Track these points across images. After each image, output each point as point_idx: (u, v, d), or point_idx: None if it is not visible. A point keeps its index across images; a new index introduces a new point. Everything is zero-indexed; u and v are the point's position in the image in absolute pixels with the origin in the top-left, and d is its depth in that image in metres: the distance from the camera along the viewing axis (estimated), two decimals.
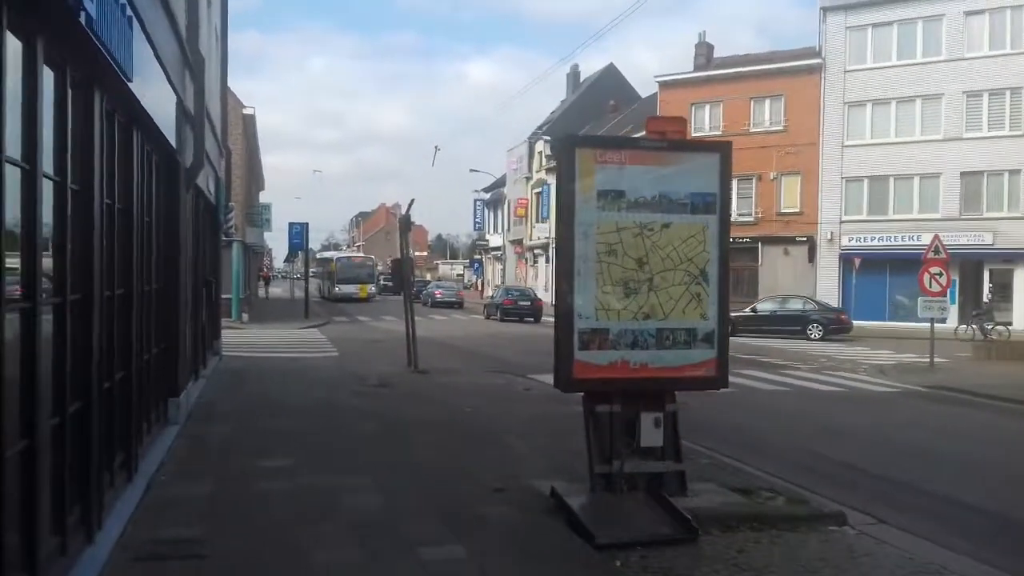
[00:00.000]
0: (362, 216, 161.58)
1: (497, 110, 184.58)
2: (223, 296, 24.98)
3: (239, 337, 24.69)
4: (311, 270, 44.33)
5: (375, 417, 10.60)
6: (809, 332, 28.12)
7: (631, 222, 6.89)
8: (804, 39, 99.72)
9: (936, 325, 19.17)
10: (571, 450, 8.69)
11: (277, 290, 64.38)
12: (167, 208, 9.27)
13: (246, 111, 32.64)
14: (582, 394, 7.04)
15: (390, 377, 14.87)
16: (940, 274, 18.57)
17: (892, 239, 33.98)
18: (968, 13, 33.01)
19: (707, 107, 38.75)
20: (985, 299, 31.62)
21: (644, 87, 57.66)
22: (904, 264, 33.51)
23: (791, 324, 28.86)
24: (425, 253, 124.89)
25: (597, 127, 53.58)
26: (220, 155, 16.77)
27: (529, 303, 38.03)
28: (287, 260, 55.56)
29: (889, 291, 34.19)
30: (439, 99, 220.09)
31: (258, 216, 39.64)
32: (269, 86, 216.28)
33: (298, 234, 36.66)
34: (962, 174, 32.92)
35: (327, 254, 69.44)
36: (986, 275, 32.44)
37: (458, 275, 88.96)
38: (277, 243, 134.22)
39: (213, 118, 14.29)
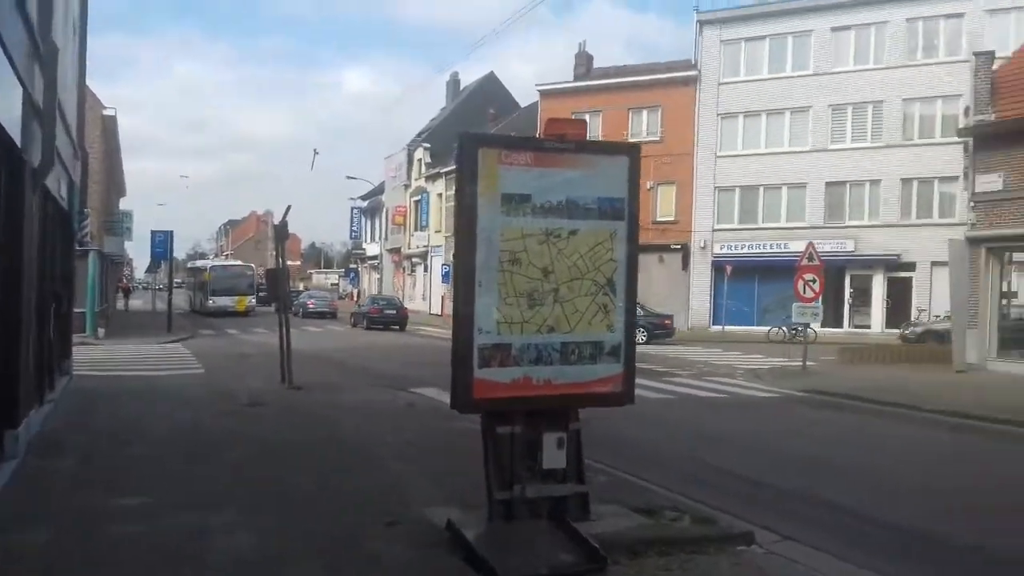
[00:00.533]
0: (231, 224, 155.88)
1: (373, 117, 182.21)
2: (77, 310, 23.10)
3: (94, 354, 22.85)
4: (180, 280, 42.21)
5: (247, 441, 9.68)
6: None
7: (537, 228, 6.36)
8: (675, 54, 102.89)
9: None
10: (463, 472, 8.10)
11: (138, 302, 60.75)
12: (8, 213, 8.11)
13: (106, 112, 30.46)
14: (480, 415, 6.47)
15: (263, 395, 13.85)
16: (813, 280, 19.06)
17: (761, 247, 35.10)
18: (835, 29, 34.54)
19: (587, 116, 38.88)
20: (847, 302, 33.12)
21: (524, 97, 57.91)
22: (772, 271, 34.75)
23: None
24: (299, 262, 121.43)
25: None
26: (75, 157, 15.30)
27: (395, 312, 39.33)
28: (149, 270, 51.73)
29: (759, 297, 35.25)
30: (313, 106, 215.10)
31: (118, 224, 37.22)
32: (134, 90, 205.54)
33: (161, 243, 34.54)
34: (827, 184, 34.36)
35: (199, 263, 62.22)
36: (847, 281, 33.88)
37: (332, 284, 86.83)
38: (139, 253, 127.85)
39: (68, 117, 12.96)
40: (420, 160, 56.28)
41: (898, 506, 7.92)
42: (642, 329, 28.49)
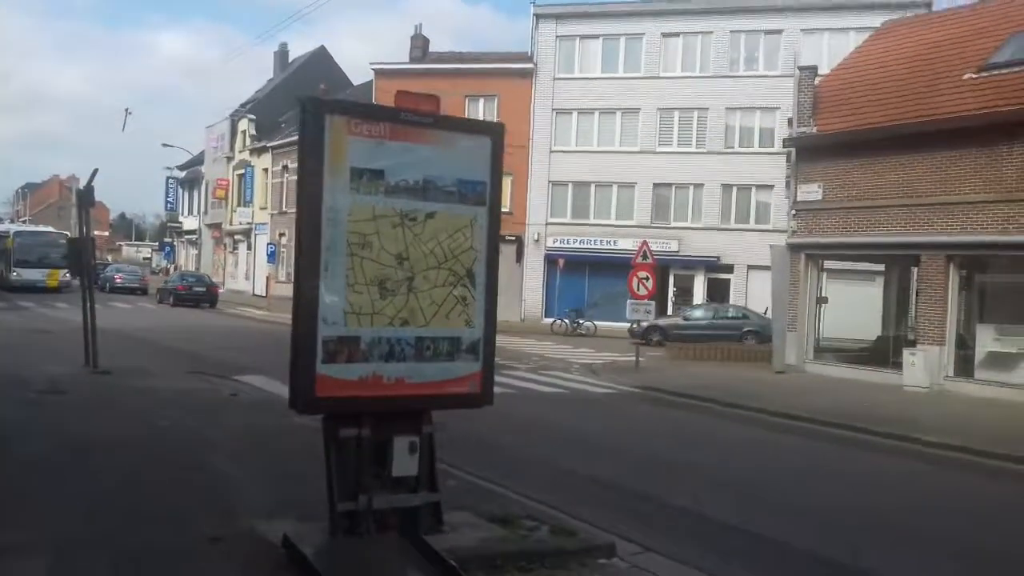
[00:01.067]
0: (30, 188, 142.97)
1: (191, 84, 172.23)
2: None
3: None
4: (132, 256, 37.70)
5: (46, 437, 8.47)
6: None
7: (390, 209, 5.76)
8: (509, 47, 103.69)
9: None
10: (295, 475, 7.43)
11: None
12: None
13: None
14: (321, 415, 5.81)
15: (63, 380, 12.36)
16: (647, 278, 19.42)
17: (592, 242, 35.78)
18: (665, 35, 35.60)
19: None
20: (671, 300, 34.36)
21: (356, 75, 56.33)
22: (601, 266, 35.55)
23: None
24: (107, 233, 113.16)
25: None
26: None
27: (204, 289, 38.94)
28: None
29: (588, 291, 35.94)
30: (125, 68, 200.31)
31: None
32: None
33: None
34: (654, 185, 35.44)
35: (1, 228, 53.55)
36: (671, 279, 35.17)
37: (145, 259, 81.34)
38: None
39: None
40: (244, 132, 53.54)
41: (748, 510, 7.92)
42: None
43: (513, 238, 36.58)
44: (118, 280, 44.40)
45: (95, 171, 13.81)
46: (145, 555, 5.26)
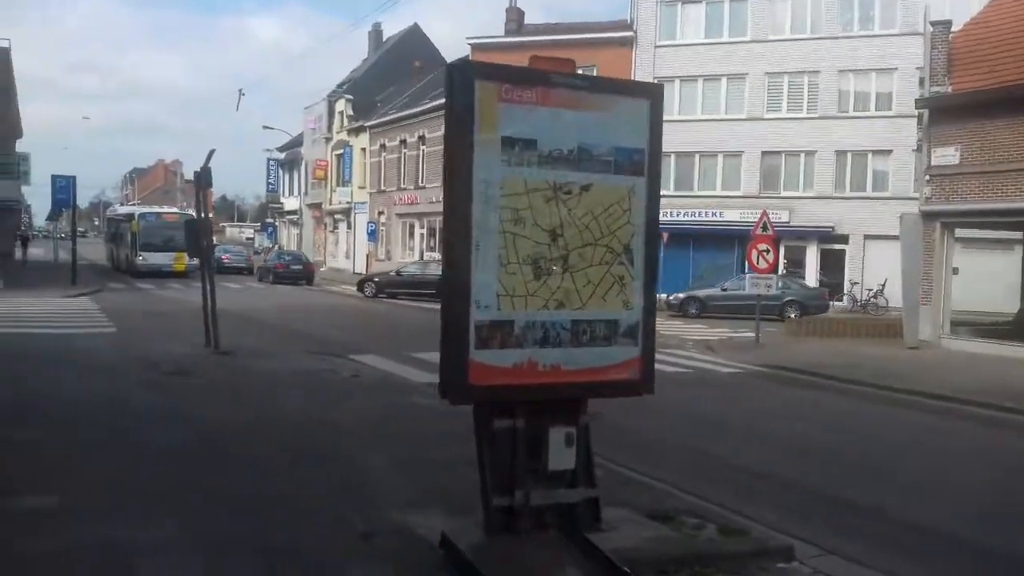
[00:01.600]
0: (137, 172, 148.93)
1: (286, 68, 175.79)
2: None
3: None
4: (83, 229, 38.79)
5: (176, 421, 8.40)
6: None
7: (543, 182, 5.29)
8: (604, 16, 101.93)
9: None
10: (433, 462, 7.11)
11: (38, 251, 57.10)
12: None
13: None
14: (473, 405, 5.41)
15: (187, 361, 12.46)
16: (767, 251, 18.50)
17: (697, 214, 34.67)
18: None
19: None
20: (781, 272, 33.06)
21: (448, 52, 56.13)
22: (706, 239, 34.47)
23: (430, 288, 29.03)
24: (212, 214, 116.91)
25: (403, 89, 51.46)
26: None
27: (301, 267, 39.97)
28: (50, 218, 48.21)
29: (693, 265, 34.91)
30: (222, 54, 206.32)
31: (13, 166, 34.33)
32: (28, 30, 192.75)
33: (63, 188, 31.95)
34: (763, 153, 34.05)
35: (123, 210, 51.04)
36: (782, 251, 33.78)
37: (247, 239, 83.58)
38: (38, 200, 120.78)
39: None
40: (342, 112, 54.04)
41: (931, 506, 7.15)
42: None
43: None
44: (225, 260, 45.53)
45: (211, 152, 13.83)
46: (297, 554, 4.97)
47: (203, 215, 14.26)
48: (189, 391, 10.16)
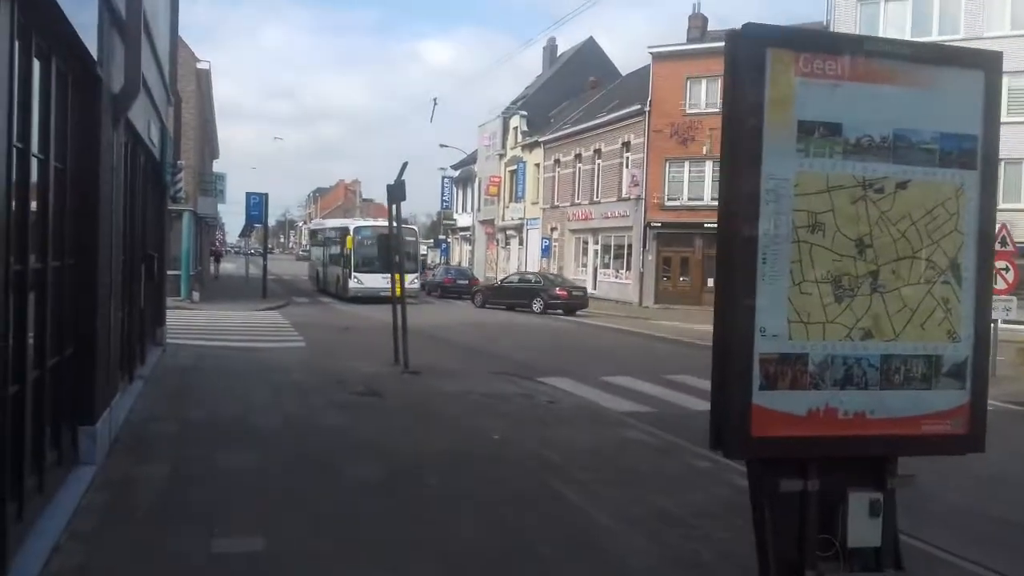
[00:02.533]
0: (319, 192, 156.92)
1: (456, 88, 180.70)
2: (171, 272, 21.83)
3: (188, 320, 21.56)
4: (284, 250, 39.57)
5: (372, 450, 7.73)
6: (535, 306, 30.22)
7: (849, 177, 4.13)
8: (795, 19, 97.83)
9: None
10: (673, 517, 6.00)
11: (230, 266, 60.59)
12: (80, 144, 6.27)
13: (200, 65, 29.14)
14: (750, 461, 4.29)
15: (377, 380, 11.98)
16: (1007, 268, 16.22)
17: None
18: None
19: (704, 82, 36.13)
20: None
21: (624, 65, 55.14)
22: None
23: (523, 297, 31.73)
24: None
25: (577, 103, 50.87)
26: (168, 101, 13.65)
27: (467, 282, 40.41)
28: (243, 234, 50.88)
29: None
30: (397, 77, 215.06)
31: (211, 185, 36.20)
32: (221, 57, 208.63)
33: (256, 205, 33.33)
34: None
35: (332, 223, 41.27)
36: None
37: (421, 255, 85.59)
38: (229, 217, 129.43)
39: (159, 52, 11.19)
40: (516, 128, 54.07)
41: None
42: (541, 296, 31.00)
43: None
44: None
45: (404, 165, 13.42)
46: None
47: (396, 229, 13.82)
48: (383, 415, 9.56)
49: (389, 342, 14.44)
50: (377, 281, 29.03)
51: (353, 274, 31.48)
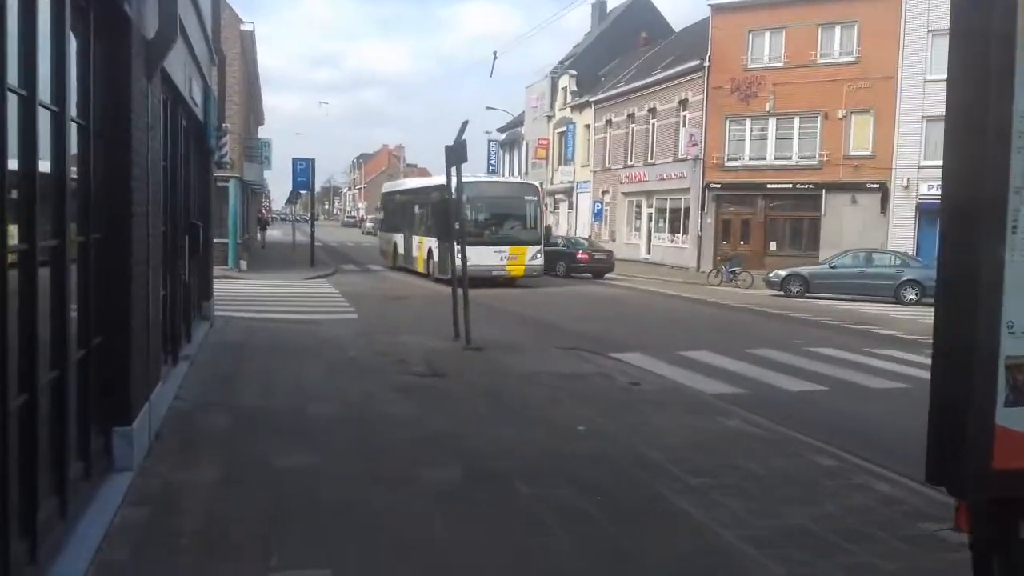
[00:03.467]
0: (363, 158, 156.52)
1: (499, 50, 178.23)
2: (218, 241, 21.17)
3: (236, 290, 20.90)
4: (328, 216, 37.94)
5: (445, 447, 6.77)
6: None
7: None
8: None
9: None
10: (809, 534, 4.97)
11: (276, 233, 60.26)
12: (107, 101, 5.32)
13: (244, 27, 28.18)
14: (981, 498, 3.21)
15: (438, 358, 11.04)
16: None
17: None
18: None
19: (767, 34, 34.36)
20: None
21: (676, 21, 53.12)
22: None
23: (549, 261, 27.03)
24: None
25: (627, 62, 49.16)
26: (212, 61, 12.71)
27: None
28: (289, 201, 50.25)
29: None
30: (438, 42, 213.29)
31: (257, 151, 35.50)
32: (264, 27, 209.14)
33: (303, 171, 32.54)
34: None
35: (422, 182, 32.40)
36: None
37: (548, 224, 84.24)
38: (275, 184, 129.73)
39: (200, 2, 10.22)
40: (565, 88, 52.50)
41: None
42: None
43: (876, 185, 31.78)
44: None
45: (465, 123, 12.36)
46: None
47: (457, 193, 12.78)
48: (451, 402, 8.60)
49: (444, 313, 13.54)
50: (489, 256, 23.18)
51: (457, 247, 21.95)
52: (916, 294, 23.03)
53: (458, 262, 12.30)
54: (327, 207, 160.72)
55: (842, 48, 32.72)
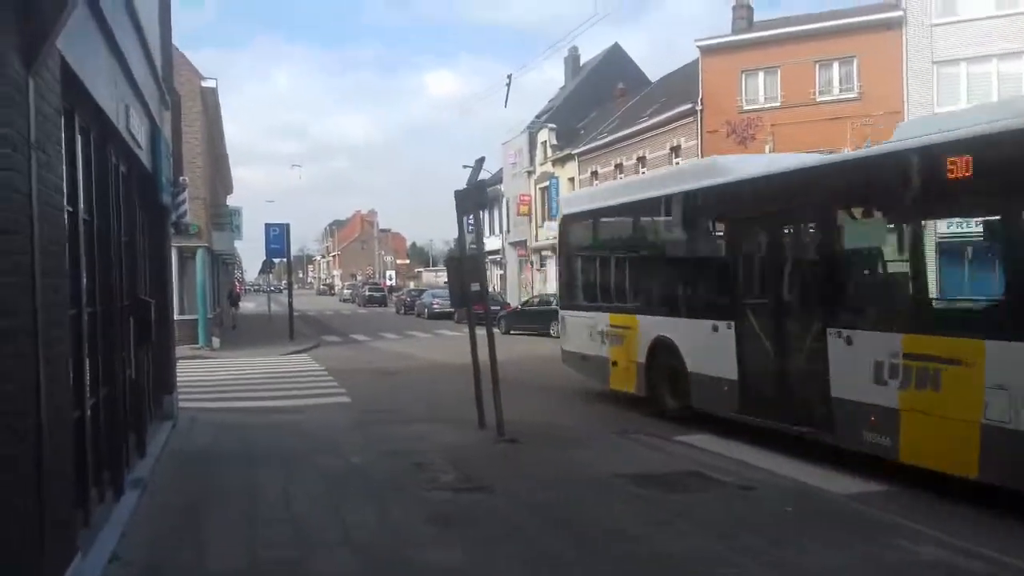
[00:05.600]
0: (336, 224, 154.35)
1: (458, 116, 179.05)
2: (185, 317, 18.62)
3: (207, 373, 18.24)
4: (302, 285, 35.36)
5: None
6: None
7: None
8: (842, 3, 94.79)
9: None
10: None
11: (251, 305, 57.39)
12: None
13: (206, 84, 25.81)
14: None
15: (467, 457, 8.53)
16: None
17: None
18: None
19: (760, 75, 32.71)
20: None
21: (651, 71, 51.98)
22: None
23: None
24: (407, 261, 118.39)
25: (606, 113, 47.63)
26: (162, 101, 10.35)
27: (499, 308, 36.93)
28: (263, 271, 47.41)
29: (970, 283, 28.23)
30: (401, 109, 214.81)
31: (227, 220, 32.97)
32: (229, 100, 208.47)
33: (276, 237, 30.07)
34: None
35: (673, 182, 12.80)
36: None
37: (445, 283, 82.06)
38: (247, 256, 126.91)
39: (142, 18, 7.89)
40: (545, 143, 50.76)
41: None
42: None
43: None
44: (436, 305, 43.22)
45: (481, 160, 10.12)
46: None
47: (478, 247, 10.44)
48: (513, 540, 5.99)
49: (449, 390, 11.16)
50: None
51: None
52: None
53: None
54: (301, 275, 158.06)
55: (842, 85, 31.11)
